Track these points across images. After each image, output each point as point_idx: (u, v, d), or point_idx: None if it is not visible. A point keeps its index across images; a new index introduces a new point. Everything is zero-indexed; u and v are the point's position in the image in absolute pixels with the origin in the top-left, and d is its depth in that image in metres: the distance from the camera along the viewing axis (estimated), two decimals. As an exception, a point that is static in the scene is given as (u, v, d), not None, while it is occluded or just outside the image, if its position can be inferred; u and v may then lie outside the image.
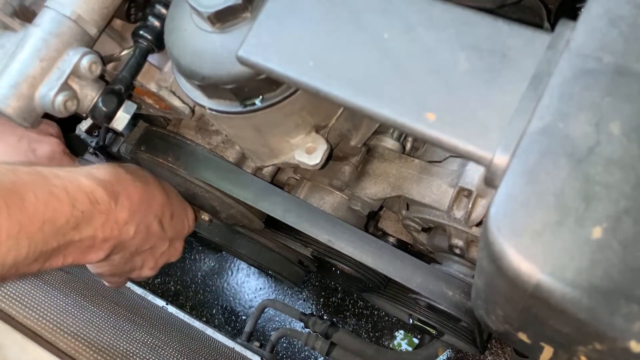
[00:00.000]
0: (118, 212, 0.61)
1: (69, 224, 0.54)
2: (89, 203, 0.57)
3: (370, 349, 1.26)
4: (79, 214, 0.55)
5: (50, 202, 0.52)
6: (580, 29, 0.39)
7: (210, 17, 0.53)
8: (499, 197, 0.36)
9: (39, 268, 0.54)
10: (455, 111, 0.41)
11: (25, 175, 0.52)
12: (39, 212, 0.50)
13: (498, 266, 0.36)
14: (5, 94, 0.58)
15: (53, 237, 0.52)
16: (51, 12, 0.59)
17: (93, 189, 0.58)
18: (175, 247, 0.77)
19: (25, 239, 0.49)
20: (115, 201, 0.60)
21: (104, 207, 0.59)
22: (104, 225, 0.59)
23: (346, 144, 0.75)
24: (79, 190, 0.56)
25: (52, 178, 0.54)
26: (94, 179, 0.59)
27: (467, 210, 0.69)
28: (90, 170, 0.60)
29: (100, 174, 0.61)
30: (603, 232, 0.34)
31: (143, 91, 0.72)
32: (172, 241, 0.76)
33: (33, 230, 0.50)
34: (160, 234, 0.71)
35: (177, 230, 0.76)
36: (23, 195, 0.50)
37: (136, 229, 0.64)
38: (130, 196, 0.63)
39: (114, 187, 0.61)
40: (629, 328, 0.32)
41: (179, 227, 0.76)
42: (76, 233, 0.55)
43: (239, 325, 1.74)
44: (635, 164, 0.35)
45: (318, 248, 0.96)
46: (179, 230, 0.77)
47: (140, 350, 0.73)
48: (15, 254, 0.49)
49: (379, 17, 0.45)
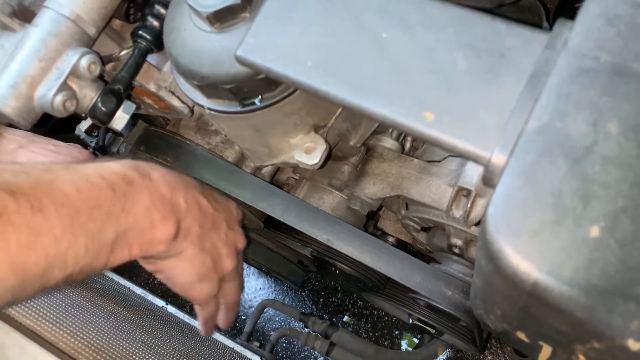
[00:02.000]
0: (157, 187, 0.59)
1: (116, 207, 0.53)
2: (126, 184, 0.55)
3: (370, 348, 1.26)
4: (121, 195, 0.54)
5: (91, 190, 0.51)
6: (578, 29, 0.39)
7: (209, 17, 0.53)
8: (497, 197, 0.36)
9: (104, 264, 0.52)
10: (453, 111, 0.41)
11: (61, 170, 0.52)
12: (84, 201, 0.50)
13: (496, 265, 0.36)
14: (4, 94, 0.58)
15: (107, 225, 0.52)
16: (50, 12, 0.60)
17: (125, 170, 0.57)
18: (235, 230, 0.72)
19: (80, 231, 0.49)
20: (149, 179, 0.58)
21: (140, 185, 0.57)
22: (154, 203, 0.57)
23: (345, 144, 0.75)
24: (114, 175, 0.55)
25: (85, 168, 0.54)
26: (122, 163, 0.58)
27: (466, 209, 0.69)
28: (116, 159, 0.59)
29: (125, 160, 0.60)
30: (601, 231, 0.34)
31: (142, 91, 0.72)
32: (229, 224, 0.71)
33: (84, 219, 0.49)
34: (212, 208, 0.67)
35: (227, 211, 0.71)
36: (64, 189, 0.49)
37: (184, 199, 0.61)
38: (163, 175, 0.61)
39: (144, 168, 0.59)
40: (626, 326, 0.32)
41: (227, 209, 0.71)
42: (128, 216, 0.54)
43: (239, 325, 1.74)
44: (633, 163, 0.35)
45: (317, 248, 0.96)
46: (228, 212, 0.71)
47: (140, 350, 0.73)
48: (75, 250, 0.48)
49: (377, 16, 0.45)
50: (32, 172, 0.49)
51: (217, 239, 0.68)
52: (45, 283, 0.48)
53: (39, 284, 0.47)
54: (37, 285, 0.47)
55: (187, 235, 0.62)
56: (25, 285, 0.46)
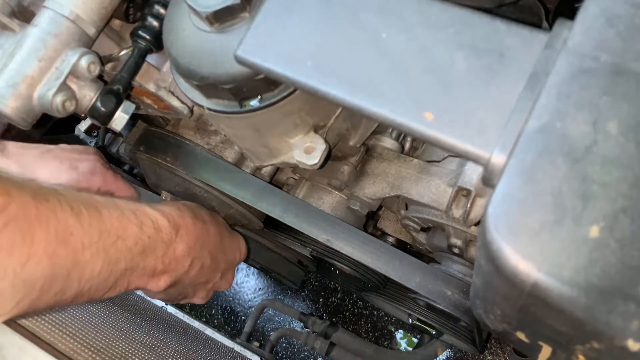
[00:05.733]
0: (177, 244, 0.63)
1: (137, 247, 0.56)
2: (154, 229, 0.59)
3: (370, 348, 1.26)
4: (146, 238, 0.58)
5: (122, 220, 0.55)
6: (578, 28, 0.39)
7: (209, 17, 0.53)
8: (497, 197, 0.36)
9: (105, 291, 0.55)
10: (453, 110, 0.41)
11: (98, 197, 0.55)
12: (114, 227, 0.53)
13: (496, 265, 0.36)
14: (3, 94, 0.58)
15: (123, 257, 0.54)
16: (49, 12, 0.59)
17: (157, 217, 0.61)
18: (226, 278, 0.81)
19: (102, 251, 0.51)
20: (176, 232, 0.63)
21: (166, 237, 0.61)
22: (164, 257, 0.61)
23: (345, 144, 0.75)
24: (145, 216, 0.59)
25: (121, 202, 0.57)
26: (157, 209, 0.62)
27: (466, 209, 0.69)
28: (153, 204, 0.64)
29: (162, 207, 0.64)
30: (600, 231, 0.34)
31: (142, 91, 0.72)
32: (224, 272, 0.79)
33: (109, 243, 0.52)
34: (214, 268, 0.74)
35: (229, 262, 0.79)
36: (100, 209, 0.52)
37: (191, 263, 0.67)
38: (189, 231, 0.66)
39: (176, 220, 0.64)
40: (626, 327, 0.32)
41: (230, 260, 0.79)
42: (141, 259, 0.57)
43: (239, 325, 1.74)
44: (633, 162, 0.35)
45: (317, 248, 0.96)
46: (230, 261, 0.80)
47: (139, 350, 0.73)
48: (93, 266, 0.50)
49: (377, 16, 0.45)
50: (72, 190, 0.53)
51: (201, 288, 0.77)
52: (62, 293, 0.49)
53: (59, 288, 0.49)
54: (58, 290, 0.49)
55: (175, 285, 0.67)
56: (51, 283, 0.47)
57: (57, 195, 0.48)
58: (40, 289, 0.46)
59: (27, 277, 0.44)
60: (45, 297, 0.47)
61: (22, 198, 0.44)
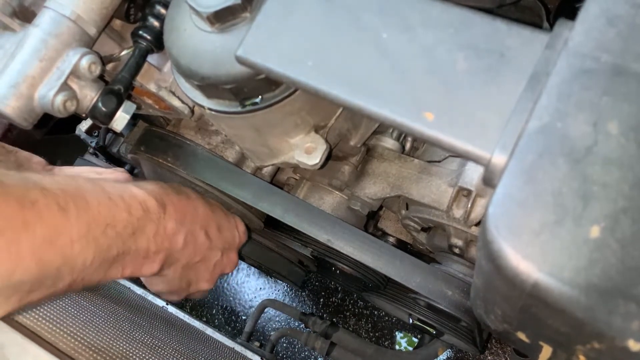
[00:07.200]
0: (167, 221, 0.63)
1: (127, 231, 0.56)
2: (142, 210, 0.59)
3: (370, 348, 1.26)
4: (135, 220, 0.57)
5: (111, 207, 0.55)
6: (579, 29, 0.39)
7: (210, 17, 0.53)
8: (497, 197, 0.36)
9: (100, 279, 0.55)
10: (453, 111, 0.41)
11: (85, 183, 0.54)
12: (102, 215, 0.53)
13: (496, 265, 0.36)
14: (4, 94, 0.58)
15: (114, 243, 0.54)
16: (50, 12, 0.59)
17: (145, 197, 0.61)
18: (229, 257, 0.80)
19: (92, 242, 0.51)
20: (163, 210, 0.63)
21: (155, 216, 0.61)
22: (155, 236, 0.61)
23: (345, 144, 0.75)
24: (133, 198, 0.59)
25: (107, 187, 0.57)
26: (144, 189, 0.62)
27: (467, 209, 0.69)
28: (138, 183, 0.64)
29: (148, 186, 0.64)
30: (601, 232, 0.34)
31: (142, 91, 0.72)
32: (225, 252, 0.78)
33: (98, 232, 0.52)
34: (209, 244, 0.73)
35: (227, 241, 0.78)
36: (87, 199, 0.52)
37: (184, 238, 0.66)
38: (176, 207, 0.66)
39: (162, 198, 0.64)
40: (627, 327, 0.32)
41: (228, 238, 0.79)
42: (133, 242, 0.57)
43: (239, 325, 1.74)
44: (633, 163, 0.35)
45: (318, 248, 0.96)
46: (229, 241, 0.79)
47: (140, 350, 0.73)
48: (84, 257, 0.50)
49: (377, 17, 0.45)
50: (60, 180, 0.52)
51: (204, 269, 0.76)
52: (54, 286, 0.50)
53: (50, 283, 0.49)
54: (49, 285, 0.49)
55: (171, 265, 0.67)
56: (41, 281, 0.48)
57: (43, 193, 0.47)
58: (29, 290, 0.46)
59: (16, 282, 0.44)
60: (35, 294, 0.48)
61: (7, 209, 0.43)
